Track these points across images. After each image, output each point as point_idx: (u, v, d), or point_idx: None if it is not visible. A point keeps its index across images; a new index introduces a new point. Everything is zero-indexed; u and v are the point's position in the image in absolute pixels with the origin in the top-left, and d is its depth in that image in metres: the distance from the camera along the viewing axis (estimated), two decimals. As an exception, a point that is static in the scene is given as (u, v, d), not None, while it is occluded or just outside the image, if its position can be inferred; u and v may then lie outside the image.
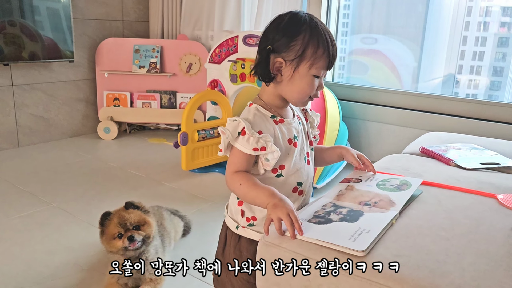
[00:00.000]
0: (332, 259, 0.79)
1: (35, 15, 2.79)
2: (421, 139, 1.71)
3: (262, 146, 0.93)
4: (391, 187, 1.04)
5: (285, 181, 0.99)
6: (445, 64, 2.85)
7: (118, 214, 1.42)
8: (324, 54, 0.94)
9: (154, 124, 3.50)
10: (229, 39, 2.55)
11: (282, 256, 0.86)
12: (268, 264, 0.88)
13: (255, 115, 0.97)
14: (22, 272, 1.52)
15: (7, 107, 2.84)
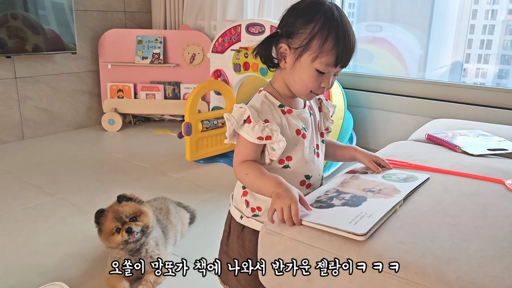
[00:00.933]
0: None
1: (38, 8, 2.77)
2: (427, 126, 1.68)
3: (267, 135, 0.90)
4: (397, 179, 1.01)
5: (292, 172, 0.96)
6: (452, 53, 2.80)
7: (112, 209, 1.41)
8: (333, 50, 0.88)
9: (159, 115, 3.49)
10: (231, 28, 2.52)
11: (282, 244, 0.84)
12: (269, 253, 0.87)
13: (263, 103, 0.94)
14: (26, 264, 1.52)
15: (10, 100, 2.83)
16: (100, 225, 1.39)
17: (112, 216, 1.37)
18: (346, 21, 0.90)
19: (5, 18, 2.63)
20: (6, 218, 1.85)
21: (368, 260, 0.74)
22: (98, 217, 1.39)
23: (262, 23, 2.35)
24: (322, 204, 0.89)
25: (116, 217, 1.37)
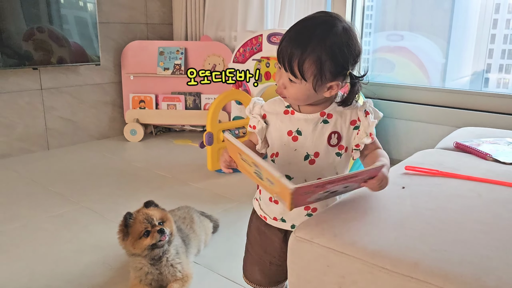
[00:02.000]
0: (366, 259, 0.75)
1: (63, 21, 2.84)
2: (454, 134, 1.65)
3: (253, 125, 1.02)
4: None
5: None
6: (472, 63, 2.76)
7: (141, 212, 1.41)
8: (279, 47, 0.92)
9: (180, 126, 3.52)
10: (253, 38, 2.53)
11: (313, 252, 0.83)
12: (299, 261, 0.85)
13: (273, 100, 1.03)
14: (52, 271, 1.54)
15: (36, 111, 2.90)
16: (128, 228, 1.38)
17: (143, 218, 1.37)
18: (301, 24, 0.90)
19: (32, 32, 2.70)
20: (32, 225, 1.87)
21: (402, 268, 0.72)
22: (127, 219, 1.38)
23: (283, 32, 2.36)
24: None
25: (147, 219, 1.37)
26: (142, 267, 1.42)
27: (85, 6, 2.94)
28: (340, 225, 0.85)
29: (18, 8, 2.60)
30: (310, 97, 0.92)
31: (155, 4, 3.47)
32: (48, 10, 2.75)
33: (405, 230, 0.81)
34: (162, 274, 1.42)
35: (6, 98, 2.74)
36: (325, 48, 0.86)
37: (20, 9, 2.61)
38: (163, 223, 1.41)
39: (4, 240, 1.74)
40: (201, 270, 1.56)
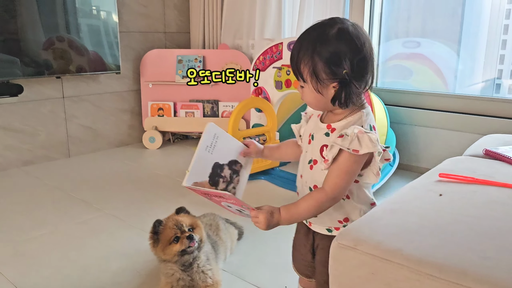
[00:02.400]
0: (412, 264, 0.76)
1: (82, 31, 2.88)
2: (482, 141, 1.64)
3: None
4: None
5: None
6: (483, 69, 2.75)
7: (171, 219, 1.42)
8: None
9: (197, 133, 3.54)
10: (273, 46, 2.55)
11: (357, 259, 0.83)
12: (341, 268, 0.86)
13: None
14: (81, 277, 1.55)
15: (58, 119, 2.94)
16: (158, 234, 1.39)
17: (172, 224, 1.38)
18: (307, 33, 0.93)
19: (51, 41, 2.74)
20: (59, 232, 1.90)
21: (451, 275, 0.72)
22: (157, 226, 1.39)
23: (304, 40, 2.37)
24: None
25: (177, 225, 1.38)
26: (174, 273, 1.43)
27: (106, 16, 2.99)
28: (382, 232, 0.86)
29: (37, 18, 2.64)
30: (320, 100, 0.95)
31: (173, 13, 3.52)
32: (69, 20, 2.80)
33: (450, 238, 0.81)
34: (193, 280, 1.43)
35: (30, 107, 2.79)
36: (316, 49, 0.89)
37: (39, 19, 2.66)
38: (193, 229, 1.42)
39: (33, 247, 1.76)
40: (229, 277, 1.57)
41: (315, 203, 0.94)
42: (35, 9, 2.63)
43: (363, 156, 0.91)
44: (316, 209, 0.95)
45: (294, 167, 2.79)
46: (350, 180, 0.94)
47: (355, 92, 0.92)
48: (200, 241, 1.43)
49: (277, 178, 2.56)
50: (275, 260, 1.68)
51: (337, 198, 0.94)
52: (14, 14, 2.54)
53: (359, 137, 0.89)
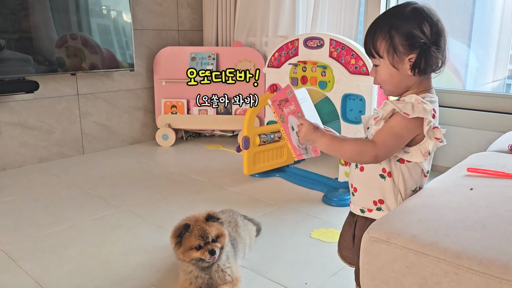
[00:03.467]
0: (451, 258, 0.74)
1: (96, 29, 2.89)
2: (505, 138, 1.62)
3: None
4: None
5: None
6: (494, 68, 2.72)
7: (198, 226, 1.38)
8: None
9: (210, 131, 3.54)
10: (288, 42, 2.53)
11: (391, 253, 0.81)
12: (374, 261, 0.84)
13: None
14: (101, 273, 1.55)
15: (73, 116, 2.95)
16: (182, 239, 1.38)
17: (198, 234, 1.35)
18: (380, 15, 1.00)
19: (64, 39, 2.74)
20: (77, 228, 1.90)
21: (492, 269, 0.70)
22: (183, 231, 1.37)
23: (321, 36, 2.35)
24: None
25: (202, 236, 1.35)
26: (192, 270, 1.42)
27: (120, 14, 2.99)
28: (416, 225, 0.84)
29: (50, 16, 2.65)
30: (395, 76, 0.98)
31: (186, 11, 3.51)
32: (82, 18, 2.80)
33: (488, 232, 0.79)
34: (212, 278, 1.42)
35: (46, 104, 2.80)
36: (393, 24, 0.95)
37: (52, 17, 2.66)
38: (218, 238, 1.40)
39: (53, 242, 1.77)
40: (248, 273, 1.55)
41: (359, 148, 0.97)
42: (48, 8, 2.64)
43: (414, 124, 0.93)
44: (357, 155, 0.97)
45: (309, 164, 2.78)
46: (397, 144, 0.96)
47: (434, 58, 0.95)
48: (221, 248, 1.41)
49: (291, 175, 2.55)
50: (295, 256, 1.66)
51: (379, 156, 0.95)
52: (27, 13, 2.56)
53: (414, 105, 0.93)
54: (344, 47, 2.26)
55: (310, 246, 1.74)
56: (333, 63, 2.29)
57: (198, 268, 1.41)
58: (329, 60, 2.31)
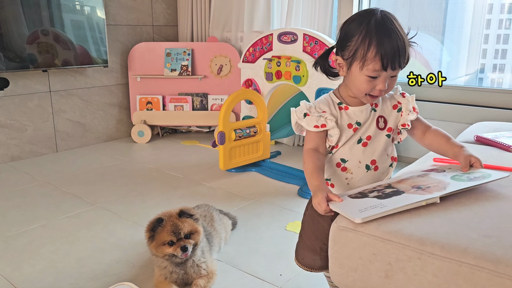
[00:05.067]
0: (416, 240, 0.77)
1: (67, 24, 2.83)
2: (472, 129, 1.67)
3: (322, 123, 1.05)
4: (465, 178, 0.96)
5: (332, 157, 1.10)
6: (467, 63, 2.79)
7: (171, 222, 1.38)
8: (376, 56, 0.96)
9: (186, 127, 3.53)
10: (263, 37, 2.55)
11: (358, 241, 0.84)
12: (342, 250, 0.86)
13: (324, 99, 1.11)
14: (76, 270, 1.54)
15: (45, 113, 2.89)
16: (154, 233, 1.38)
17: (171, 230, 1.36)
18: (391, 26, 0.98)
19: (36, 35, 2.69)
20: (51, 226, 1.87)
21: (453, 253, 0.73)
22: (156, 225, 1.38)
23: (294, 31, 2.38)
24: (358, 195, 0.95)
25: (175, 231, 1.36)
26: (167, 266, 1.42)
27: (92, 9, 2.95)
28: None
29: (20, 12, 2.59)
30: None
31: (161, 6, 3.48)
32: (53, 13, 2.75)
33: (450, 218, 0.83)
34: (187, 273, 1.43)
35: (17, 101, 2.74)
36: (407, 37, 1.02)
37: (22, 12, 2.60)
38: (191, 235, 1.41)
39: (26, 241, 1.74)
40: (224, 267, 1.57)
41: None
42: (18, 3, 2.57)
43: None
44: None
45: (284, 158, 2.80)
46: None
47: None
48: (195, 244, 1.41)
49: (267, 169, 2.57)
50: (270, 248, 1.68)
51: None
52: (-4, 9, 2.49)
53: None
54: (317, 42, 2.28)
55: (285, 239, 1.77)
56: (307, 57, 2.32)
57: (173, 264, 1.42)
58: (303, 54, 2.34)
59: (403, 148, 2.75)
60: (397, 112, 1.11)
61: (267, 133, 2.63)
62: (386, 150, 1.10)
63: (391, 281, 0.79)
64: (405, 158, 2.69)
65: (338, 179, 1.10)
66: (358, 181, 1.08)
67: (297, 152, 2.99)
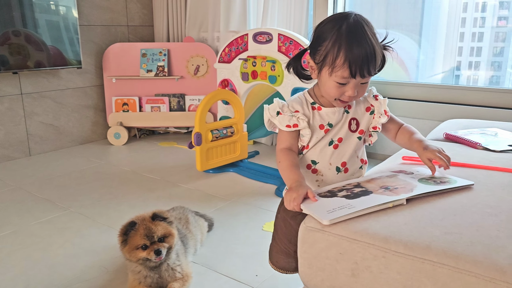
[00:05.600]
0: (380, 243, 0.78)
1: (40, 25, 2.78)
2: (443, 126, 1.70)
3: (294, 123, 1.05)
4: (432, 182, 0.98)
5: (302, 157, 1.10)
6: (443, 60, 2.85)
7: (144, 225, 1.36)
8: (345, 64, 0.95)
9: (164, 128, 3.50)
10: (238, 37, 2.54)
11: (325, 241, 0.84)
12: (311, 250, 0.87)
13: (298, 98, 1.10)
14: (48, 276, 1.51)
15: (17, 116, 2.83)
16: (127, 237, 1.36)
17: (143, 233, 1.34)
18: (361, 32, 0.96)
19: (7, 36, 2.63)
20: (22, 232, 1.83)
21: (415, 251, 0.74)
22: (128, 229, 1.36)
23: (269, 31, 2.38)
24: (327, 194, 0.95)
25: (148, 235, 1.34)
26: (141, 270, 1.41)
27: (65, 9, 2.89)
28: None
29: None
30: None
31: (136, 6, 3.44)
32: (25, 13, 2.69)
33: (413, 217, 0.84)
34: (162, 277, 1.41)
35: (-14, 104, 2.68)
36: (378, 44, 1.00)
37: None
38: (165, 238, 1.39)
39: (-6, 248, 1.70)
40: (199, 269, 1.56)
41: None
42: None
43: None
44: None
45: (262, 158, 2.81)
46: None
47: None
48: (169, 248, 1.40)
49: (245, 170, 2.57)
50: (245, 249, 1.68)
51: None
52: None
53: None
54: (292, 42, 2.29)
55: (261, 239, 1.77)
56: (282, 57, 2.32)
57: (147, 268, 1.40)
58: (278, 54, 2.34)
59: (378, 146, 2.78)
60: (369, 114, 1.11)
61: (244, 133, 2.63)
62: (356, 152, 1.10)
63: (357, 279, 0.80)
64: (380, 156, 2.72)
65: (309, 181, 1.09)
66: (328, 183, 1.08)
67: (275, 151, 2.99)
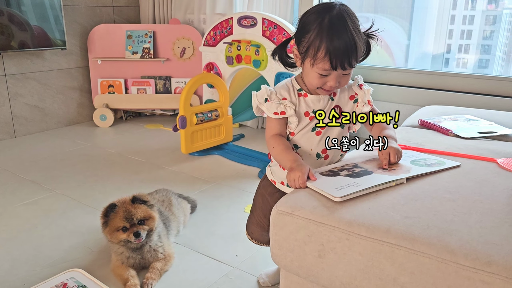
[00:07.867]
0: (344, 226, 0.83)
1: (24, 4, 2.75)
2: (419, 113, 1.75)
3: (281, 110, 1.07)
4: (423, 164, 1.05)
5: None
6: (434, 43, 2.88)
7: (124, 208, 1.40)
8: (326, 57, 0.97)
9: (150, 110, 3.51)
10: (223, 21, 2.55)
11: (294, 224, 0.89)
12: (281, 232, 0.92)
13: (285, 85, 1.11)
14: (33, 257, 1.55)
15: (1, 98, 2.82)
16: (108, 219, 1.40)
17: (123, 215, 1.38)
18: (343, 25, 0.97)
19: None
20: (7, 214, 1.86)
21: (376, 234, 0.79)
22: (109, 211, 1.39)
23: (254, 15, 2.39)
24: (330, 173, 0.99)
25: (127, 217, 1.38)
26: (123, 251, 1.45)
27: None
28: (317, 199, 0.92)
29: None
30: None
31: (121, -14, 3.41)
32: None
33: (378, 201, 0.89)
34: (144, 258, 1.46)
35: (-31, 85, 2.66)
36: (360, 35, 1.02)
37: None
38: (146, 220, 1.42)
39: (-21, 229, 1.73)
40: (181, 249, 1.61)
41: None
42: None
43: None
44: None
45: (247, 141, 2.85)
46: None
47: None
48: (150, 230, 1.44)
49: (230, 152, 2.60)
50: (227, 231, 1.73)
51: None
52: None
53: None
54: (276, 26, 2.31)
55: (243, 220, 1.80)
56: (266, 42, 2.34)
57: (129, 249, 1.44)
58: (262, 39, 2.36)
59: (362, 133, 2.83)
60: (353, 103, 1.13)
61: (229, 117, 2.65)
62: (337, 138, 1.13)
63: (323, 260, 0.85)
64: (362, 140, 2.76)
65: None
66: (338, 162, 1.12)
67: (260, 134, 3.04)
